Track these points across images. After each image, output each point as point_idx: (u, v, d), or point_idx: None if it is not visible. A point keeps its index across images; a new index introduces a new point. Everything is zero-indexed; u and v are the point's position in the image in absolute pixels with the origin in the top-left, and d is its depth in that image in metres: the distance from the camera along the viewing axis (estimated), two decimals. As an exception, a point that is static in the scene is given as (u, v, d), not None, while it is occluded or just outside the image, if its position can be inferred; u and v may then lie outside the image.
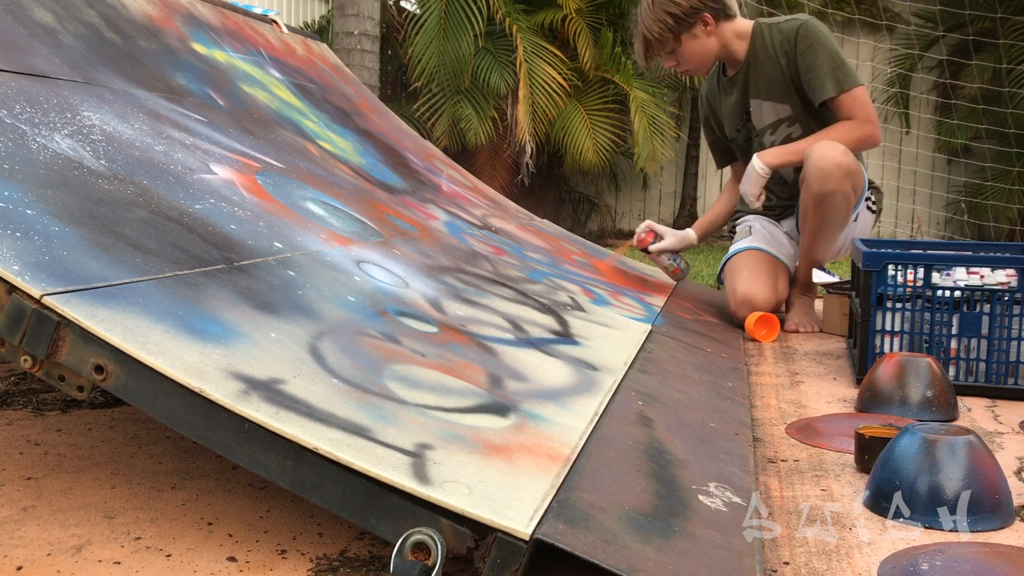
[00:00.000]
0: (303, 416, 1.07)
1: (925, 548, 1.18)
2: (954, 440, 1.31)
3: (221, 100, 2.31)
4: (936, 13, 7.28)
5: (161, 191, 1.57)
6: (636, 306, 2.56)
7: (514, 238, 2.90)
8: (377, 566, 1.10)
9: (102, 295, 1.14)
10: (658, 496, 1.21)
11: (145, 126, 1.82)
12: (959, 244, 3.00)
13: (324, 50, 3.83)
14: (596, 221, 8.92)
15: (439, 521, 0.99)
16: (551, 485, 1.11)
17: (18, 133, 1.45)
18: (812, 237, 2.77)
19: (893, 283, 2.11)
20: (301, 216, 1.87)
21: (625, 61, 7.54)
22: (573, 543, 0.98)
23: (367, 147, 2.93)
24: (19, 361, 1.09)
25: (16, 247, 1.14)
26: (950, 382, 1.90)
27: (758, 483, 1.43)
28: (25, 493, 1.32)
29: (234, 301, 1.31)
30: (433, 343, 1.53)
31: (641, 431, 1.46)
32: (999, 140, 7.63)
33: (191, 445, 1.54)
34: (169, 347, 1.10)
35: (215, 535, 1.19)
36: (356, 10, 6.28)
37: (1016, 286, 2.03)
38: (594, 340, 1.95)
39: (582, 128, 7.45)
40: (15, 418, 1.70)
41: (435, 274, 1.97)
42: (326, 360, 1.26)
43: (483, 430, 1.23)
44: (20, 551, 1.12)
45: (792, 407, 1.95)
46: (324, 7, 8.95)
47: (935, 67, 7.98)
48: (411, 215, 2.44)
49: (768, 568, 1.12)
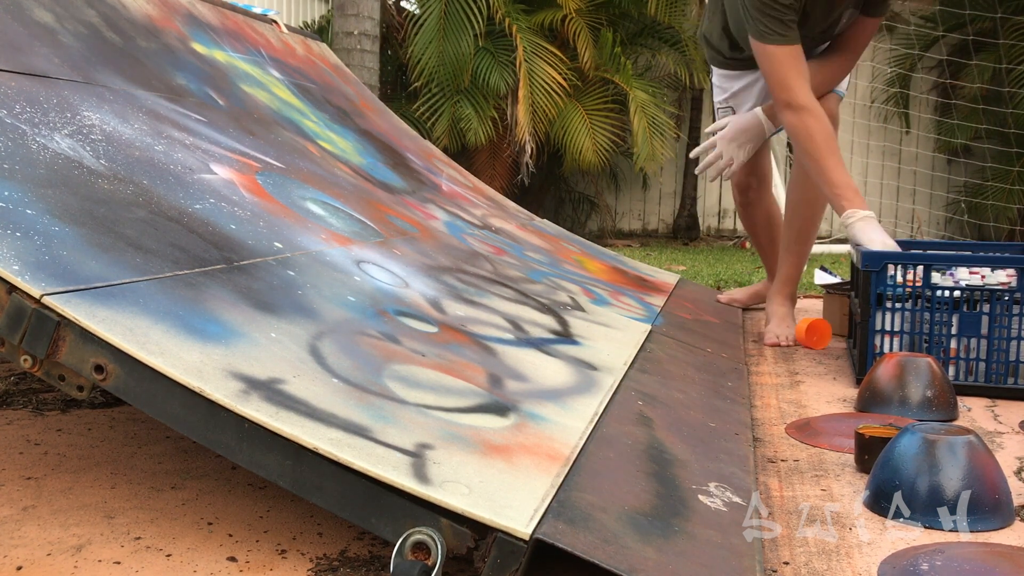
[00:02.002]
0: (303, 416, 1.07)
1: (925, 548, 1.18)
2: (954, 440, 1.31)
3: (221, 100, 2.31)
4: (936, 13, 7.28)
5: (161, 191, 1.57)
6: (636, 306, 2.56)
7: (514, 238, 2.89)
8: (377, 566, 1.10)
9: (102, 295, 1.14)
10: (658, 496, 1.21)
11: (145, 126, 1.82)
12: (959, 244, 3.00)
13: (324, 50, 3.83)
14: (596, 221, 8.92)
15: (439, 521, 0.99)
16: (551, 485, 1.11)
17: (18, 133, 1.45)
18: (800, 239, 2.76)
19: (893, 283, 2.11)
20: (301, 216, 1.87)
21: (625, 61, 7.55)
22: (573, 543, 0.98)
23: (367, 147, 2.93)
24: (19, 361, 1.09)
25: (16, 247, 1.14)
26: (950, 382, 1.90)
27: (758, 483, 1.43)
28: (25, 493, 1.32)
29: (234, 301, 1.31)
30: (433, 343, 1.53)
31: (641, 431, 1.46)
32: (999, 140, 7.63)
33: (191, 445, 1.54)
34: (169, 347, 1.10)
35: (215, 535, 1.19)
36: (356, 10, 6.28)
37: (1016, 286, 2.03)
38: (594, 340, 1.95)
39: (582, 128, 7.46)
40: (15, 418, 1.70)
41: (435, 274, 1.97)
42: (326, 360, 1.26)
43: (483, 430, 1.23)
44: (20, 551, 1.12)
45: (792, 407, 1.95)
46: (324, 7, 8.95)
47: (935, 67, 7.98)
48: (411, 215, 2.44)
49: (768, 568, 1.12)
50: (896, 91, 8.29)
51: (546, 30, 7.69)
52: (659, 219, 9.19)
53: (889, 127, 8.31)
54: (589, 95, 7.68)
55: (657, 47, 8.28)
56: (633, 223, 9.19)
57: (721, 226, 9.03)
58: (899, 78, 8.16)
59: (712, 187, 8.98)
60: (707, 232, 8.95)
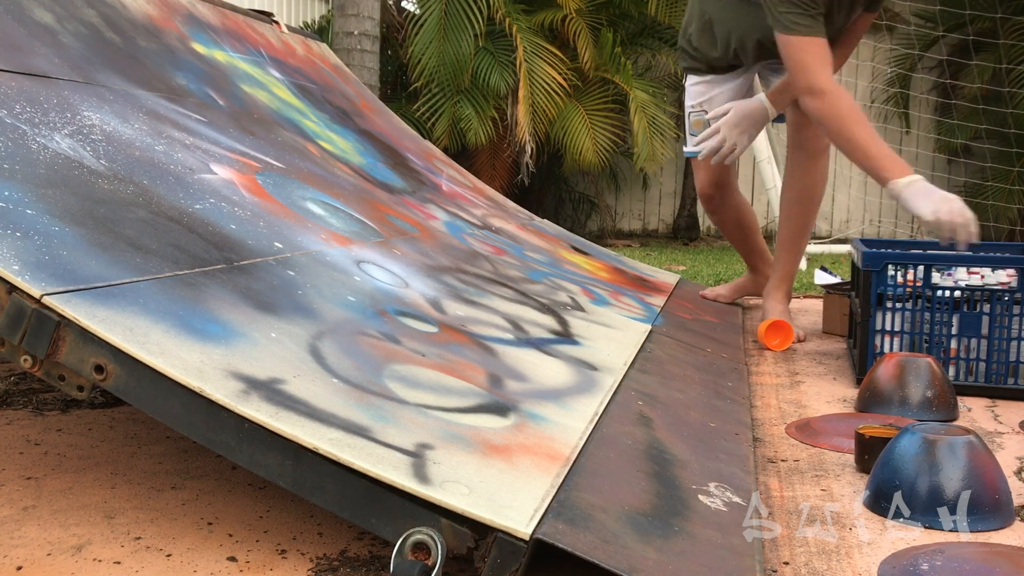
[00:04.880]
0: (303, 416, 1.07)
1: (925, 548, 1.18)
2: (954, 440, 1.31)
3: (221, 100, 2.31)
4: (936, 13, 7.27)
5: (161, 191, 1.57)
6: (636, 306, 2.56)
7: (514, 238, 2.89)
8: (377, 566, 1.10)
9: (102, 295, 1.14)
10: (658, 496, 1.21)
11: (145, 126, 1.82)
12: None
13: (324, 50, 3.83)
14: (596, 221, 8.92)
15: (439, 521, 0.99)
16: (551, 485, 1.11)
17: (18, 133, 1.45)
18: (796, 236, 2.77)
19: (893, 283, 2.11)
20: (301, 216, 1.87)
21: (625, 61, 7.54)
22: (573, 543, 0.98)
23: (367, 147, 2.93)
24: (19, 361, 1.09)
25: (16, 247, 1.14)
26: (950, 382, 1.90)
27: (758, 483, 1.43)
28: (25, 493, 1.32)
29: (234, 301, 1.31)
30: (433, 343, 1.53)
31: (641, 431, 1.46)
32: (999, 140, 7.63)
33: (191, 445, 1.54)
34: (169, 347, 1.10)
35: (215, 535, 1.19)
36: (356, 10, 6.28)
37: (1016, 286, 2.03)
38: (594, 340, 1.95)
39: (582, 128, 7.45)
40: (15, 418, 1.70)
41: (435, 274, 1.97)
42: (326, 360, 1.26)
43: (483, 430, 1.23)
44: (20, 551, 1.12)
45: (792, 407, 1.95)
46: (324, 7, 8.95)
47: (935, 67, 7.98)
48: (411, 215, 2.44)
49: (768, 568, 1.12)
50: (896, 91, 8.28)
51: (546, 30, 7.69)
52: (659, 219, 9.19)
53: (889, 127, 8.30)
54: (589, 95, 7.68)
55: (657, 47, 8.28)
56: (633, 223, 9.19)
57: (721, 226, 9.02)
58: (899, 78, 8.16)
59: (712, 187, 8.96)
60: (707, 232, 8.95)
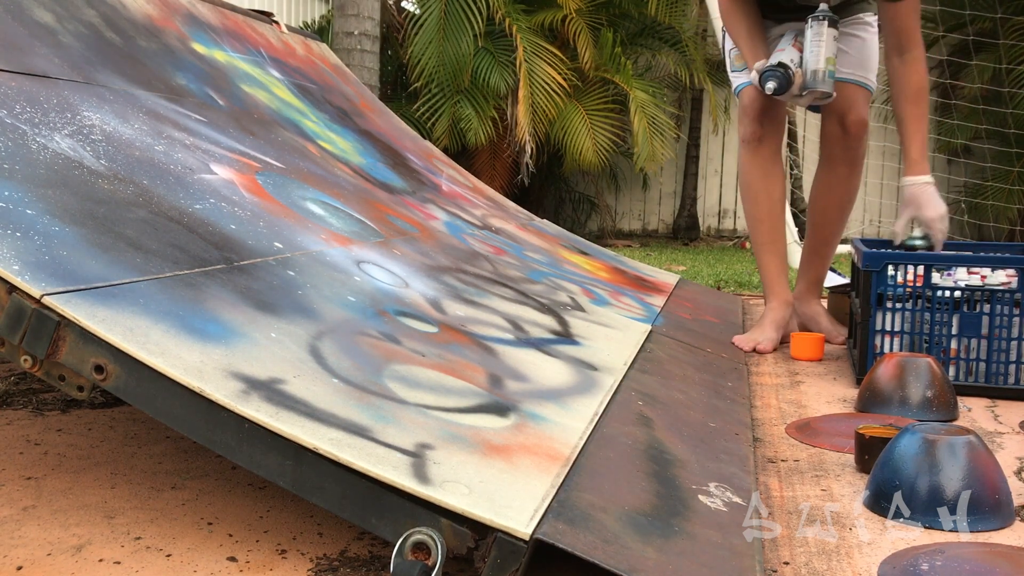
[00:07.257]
0: (303, 416, 1.07)
1: (925, 548, 1.18)
2: (954, 440, 1.31)
3: (221, 100, 2.31)
4: (936, 13, 7.27)
5: (161, 191, 1.57)
6: (636, 306, 2.56)
7: (514, 238, 2.89)
8: (377, 566, 1.10)
9: (102, 295, 1.14)
10: (658, 496, 1.21)
11: (145, 126, 1.82)
12: (959, 244, 2.99)
13: (324, 50, 3.83)
14: (596, 221, 8.92)
15: (439, 521, 0.99)
16: (551, 485, 1.11)
17: (18, 133, 1.45)
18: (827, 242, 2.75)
19: (893, 283, 2.11)
20: (301, 216, 1.87)
21: (625, 61, 7.54)
22: (573, 543, 0.98)
23: (367, 147, 2.93)
24: (19, 361, 1.09)
25: (16, 247, 1.14)
26: (950, 382, 1.90)
27: (758, 483, 1.43)
28: (25, 493, 1.32)
29: (234, 301, 1.31)
30: (433, 343, 1.53)
31: (641, 431, 1.46)
32: (999, 140, 7.63)
33: (191, 445, 1.54)
34: (169, 347, 1.10)
35: (215, 535, 1.19)
36: (356, 10, 6.28)
37: (1016, 286, 2.03)
38: (594, 340, 1.95)
39: (582, 128, 7.45)
40: (15, 418, 1.70)
41: (435, 274, 1.97)
42: (326, 360, 1.26)
43: (483, 430, 1.23)
44: (20, 551, 1.12)
45: (792, 407, 1.95)
46: (324, 7, 8.95)
47: (935, 67, 7.97)
48: (411, 215, 2.44)
49: (768, 568, 1.12)
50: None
51: (546, 30, 7.69)
52: (659, 219, 9.19)
53: (889, 127, 8.28)
54: (589, 95, 7.68)
55: (657, 47, 8.28)
56: (633, 223, 9.19)
57: (721, 226, 9.03)
58: (899, 78, 8.14)
59: (712, 187, 8.98)
60: (707, 232, 8.95)
